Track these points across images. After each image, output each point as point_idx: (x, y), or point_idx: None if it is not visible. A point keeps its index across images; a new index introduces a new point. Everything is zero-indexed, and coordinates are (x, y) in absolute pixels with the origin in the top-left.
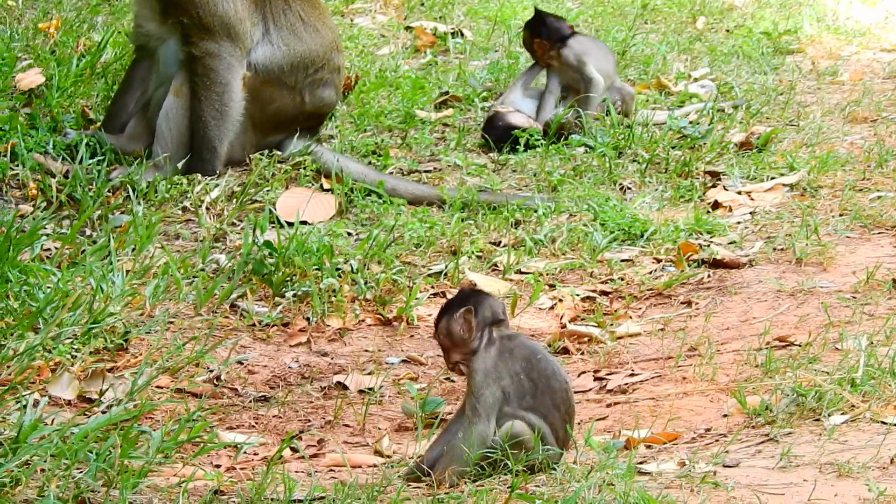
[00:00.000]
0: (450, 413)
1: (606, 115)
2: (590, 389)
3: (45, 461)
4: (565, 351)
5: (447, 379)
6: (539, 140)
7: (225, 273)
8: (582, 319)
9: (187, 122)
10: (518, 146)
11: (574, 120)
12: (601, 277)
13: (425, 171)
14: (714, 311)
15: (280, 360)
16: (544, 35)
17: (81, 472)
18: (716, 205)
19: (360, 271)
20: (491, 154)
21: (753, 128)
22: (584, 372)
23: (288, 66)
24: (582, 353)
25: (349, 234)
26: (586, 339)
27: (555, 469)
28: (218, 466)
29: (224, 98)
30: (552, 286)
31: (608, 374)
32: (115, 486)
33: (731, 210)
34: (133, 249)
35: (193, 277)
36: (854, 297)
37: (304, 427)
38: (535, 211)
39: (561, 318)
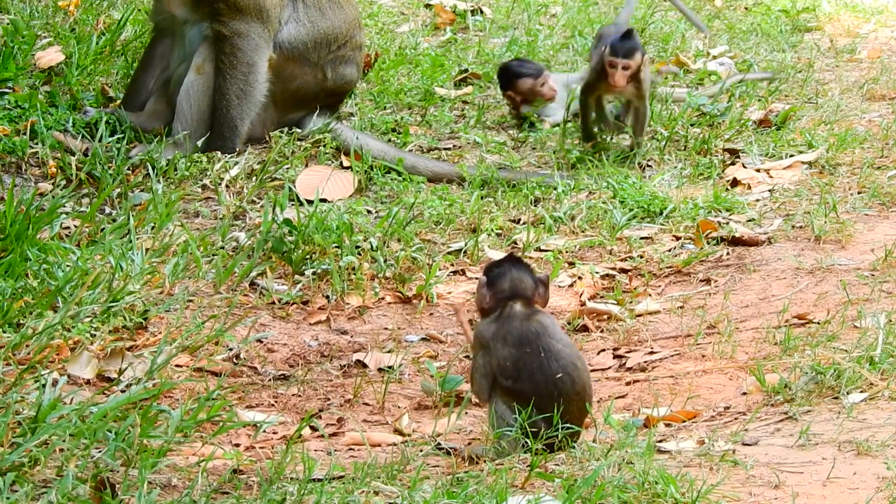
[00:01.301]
0: (469, 390)
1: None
2: (609, 367)
3: (63, 441)
4: (584, 329)
5: (467, 357)
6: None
7: (244, 251)
8: (601, 297)
9: (208, 99)
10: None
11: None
12: (620, 255)
13: (445, 149)
14: (733, 288)
15: (300, 338)
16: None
17: (100, 451)
18: (735, 182)
19: (380, 249)
20: (511, 131)
21: (772, 105)
22: (604, 350)
23: (312, 43)
24: (602, 331)
25: (369, 211)
26: (606, 316)
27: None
28: (237, 445)
29: (249, 78)
30: (571, 264)
31: (627, 353)
32: (134, 466)
33: (749, 188)
34: (152, 227)
35: (213, 255)
36: (872, 275)
37: (324, 406)
38: (555, 188)
39: (580, 296)
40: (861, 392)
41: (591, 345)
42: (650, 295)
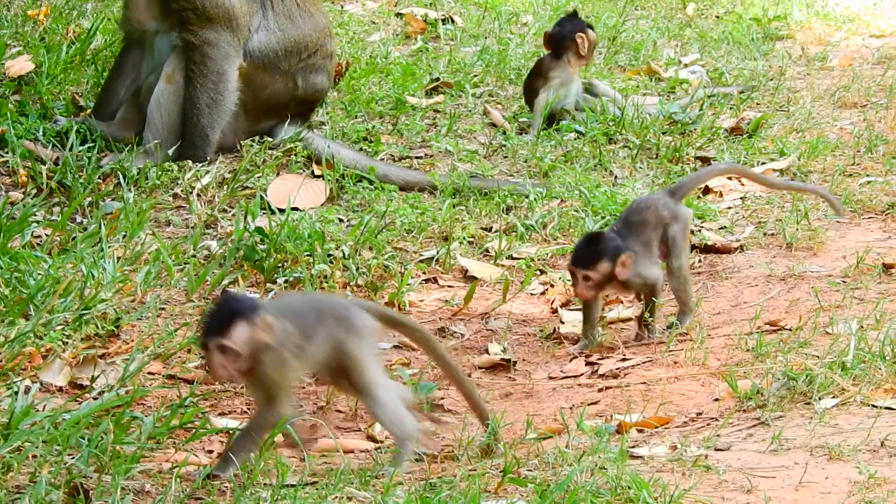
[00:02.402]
0: (443, 398)
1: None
2: (581, 374)
3: (36, 447)
4: (556, 337)
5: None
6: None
7: (216, 259)
8: (573, 304)
9: (179, 108)
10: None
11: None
12: None
13: (416, 158)
14: (705, 295)
15: None
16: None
17: (73, 457)
18: (706, 190)
19: (352, 257)
20: (482, 140)
21: (744, 113)
22: (576, 357)
23: (282, 51)
24: (574, 339)
25: (340, 220)
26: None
27: None
28: (210, 452)
29: (219, 87)
30: (543, 272)
31: (600, 359)
32: (107, 472)
33: (721, 195)
34: (124, 236)
35: (185, 264)
36: (844, 282)
37: (296, 412)
38: (527, 197)
39: (552, 304)
40: (833, 397)
41: (563, 351)
42: (622, 302)
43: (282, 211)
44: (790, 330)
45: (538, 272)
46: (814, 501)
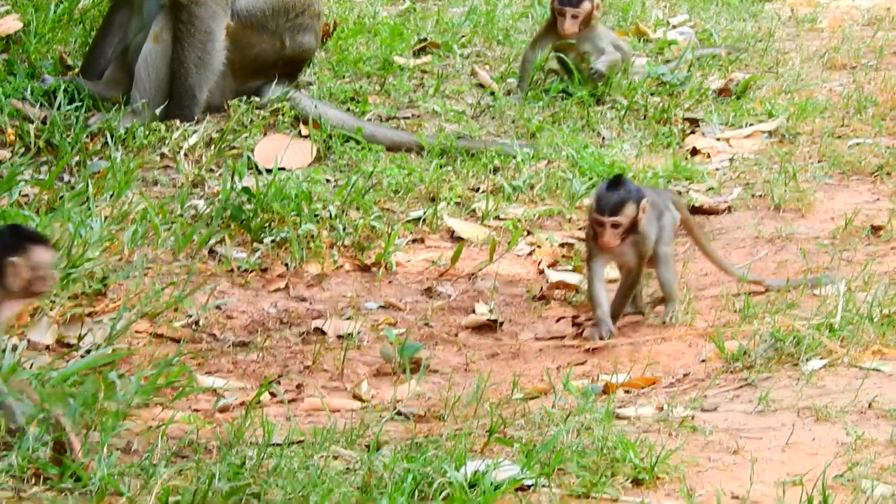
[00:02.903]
0: (429, 357)
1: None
2: (567, 335)
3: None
4: (543, 298)
5: (425, 324)
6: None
7: (203, 219)
8: (560, 265)
9: (167, 68)
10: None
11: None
12: (579, 224)
13: (404, 118)
14: (693, 257)
15: (258, 305)
16: None
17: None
18: (694, 151)
19: (339, 217)
20: (470, 101)
21: (732, 74)
22: (563, 318)
23: (270, 11)
24: (562, 300)
25: (327, 180)
26: (572, 289)
27: None
28: (197, 411)
29: (207, 46)
30: (530, 232)
31: (587, 320)
32: (94, 430)
33: (709, 156)
34: (111, 195)
35: (172, 223)
36: (832, 243)
37: (283, 372)
38: (514, 157)
39: (539, 265)
40: (820, 359)
41: (549, 312)
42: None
43: (269, 171)
44: (777, 291)
45: (525, 233)
46: (801, 462)
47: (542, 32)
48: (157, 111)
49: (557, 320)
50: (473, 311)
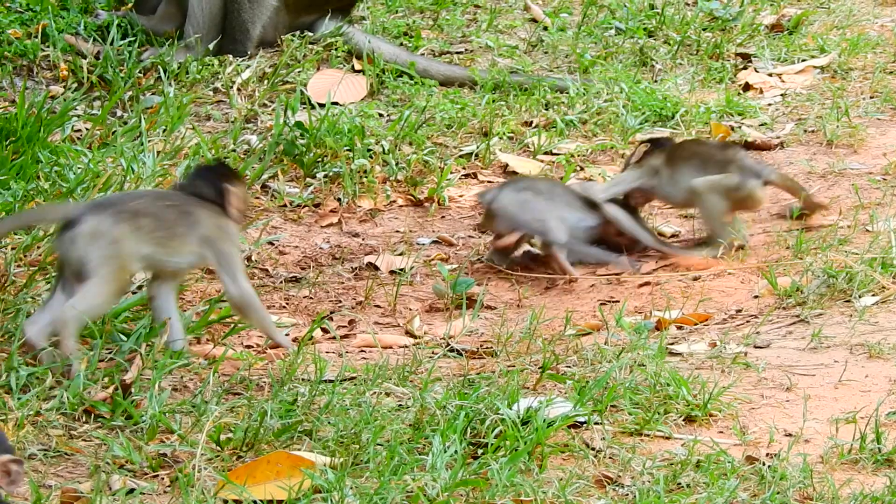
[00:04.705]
0: (482, 293)
1: None
2: (622, 272)
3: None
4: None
5: (478, 260)
6: None
7: (256, 154)
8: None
9: (220, 2)
10: None
11: None
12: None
13: (457, 53)
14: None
15: (311, 240)
16: None
17: (112, 352)
18: (747, 87)
19: (392, 152)
20: (522, 35)
21: (784, 10)
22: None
23: None
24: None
25: (380, 115)
26: None
27: None
28: (249, 347)
29: None
30: (582, 168)
31: (640, 257)
32: (147, 367)
33: (761, 92)
34: (164, 130)
35: (225, 158)
36: (884, 179)
37: (335, 308)
38: (567, 92)
39: None
40: (873, 295)
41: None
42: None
43: (322, 105)
44: (830, 226)
45: (578, 168)
46: (853, 399)
47: None
48: (211, 46)
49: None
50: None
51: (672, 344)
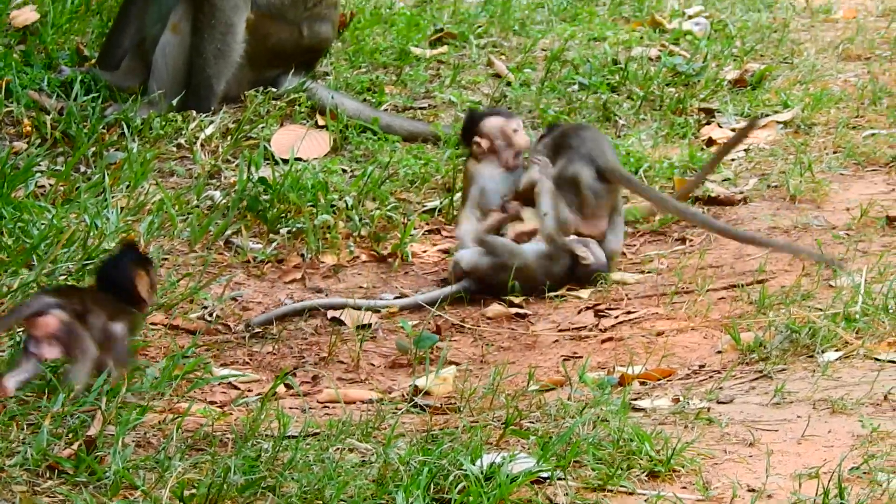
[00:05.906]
0: (441, 349)
1: None
2: (585, 326)
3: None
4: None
5: (440, 316)
6: None
7: (220, 209)
8: None
9: (184, 58)
10: None
11: None
12: None
13: (420, 108)
14: (708, 247)
15: (274, 296)
16: None
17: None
18: (710, 142)
19: (355, 208)
20: (486, 91)
21: (747, 65)
22: (584, 309)
23: (289, 1)
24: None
25: (344, 170)
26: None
27: None
28: (213, 403)
29: (227, 38)
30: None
31: (607, 309)
32: (110, 423)
33: None
34: (128, 186)
35: (188, 214)
36: (848, 234)
37: (299, 363)
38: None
39: None
40: (836, 350)
41: (570, 304)
42: (624, 254)
43: (285, 161)
44: (793, 283)
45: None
46: (816, 454)
47: None
48: (174, 102)
49: (579, 311)
50: (497, 302)
51: (635, 399)
